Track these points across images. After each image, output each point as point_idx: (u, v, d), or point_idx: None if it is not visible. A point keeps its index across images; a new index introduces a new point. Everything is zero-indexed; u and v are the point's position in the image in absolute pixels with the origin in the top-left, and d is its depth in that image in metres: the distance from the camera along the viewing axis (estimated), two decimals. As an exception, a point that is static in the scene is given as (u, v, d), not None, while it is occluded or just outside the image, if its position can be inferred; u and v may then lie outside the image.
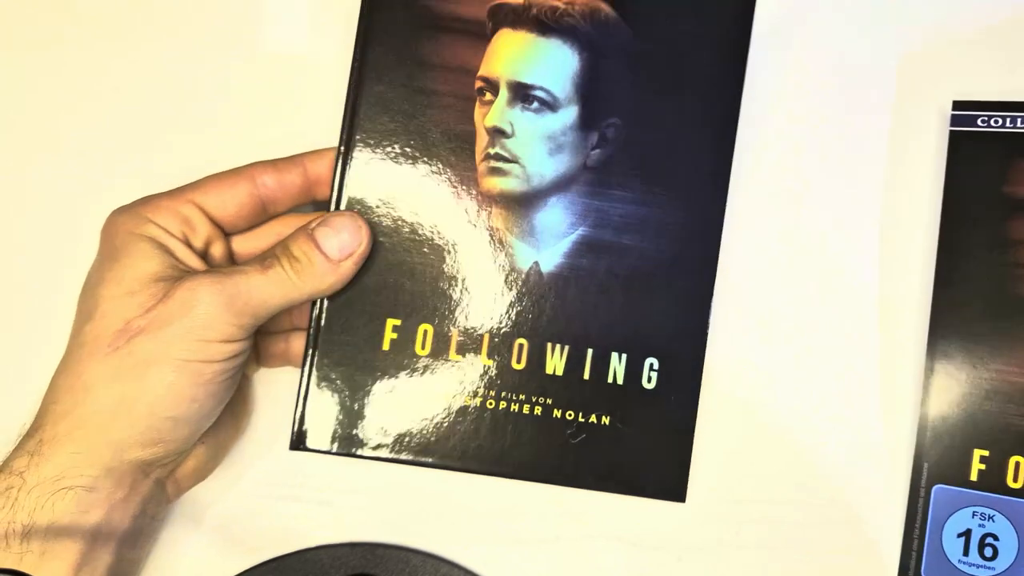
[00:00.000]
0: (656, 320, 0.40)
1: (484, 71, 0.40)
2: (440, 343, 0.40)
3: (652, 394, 0.40)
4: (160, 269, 0.36)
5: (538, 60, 0.40)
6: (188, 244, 0.38)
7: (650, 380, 0.40)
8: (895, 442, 0.42)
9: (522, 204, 0.40)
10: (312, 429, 0.39)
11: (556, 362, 0.40)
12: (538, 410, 0.40)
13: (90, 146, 0.44)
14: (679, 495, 0.40)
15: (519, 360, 0.40)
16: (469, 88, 0.40)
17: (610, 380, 0.40)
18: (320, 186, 0.40)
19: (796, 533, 0.42)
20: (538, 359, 0.40)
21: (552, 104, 0.40)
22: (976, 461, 0.41)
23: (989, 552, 0.41)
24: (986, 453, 0.41)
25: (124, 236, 0.37)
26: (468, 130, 0.40)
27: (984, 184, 0.42)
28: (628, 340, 0.40)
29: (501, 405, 0.40)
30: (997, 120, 0.43)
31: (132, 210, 0.38)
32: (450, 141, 0.40)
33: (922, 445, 0.42)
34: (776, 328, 0.43)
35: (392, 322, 0.39)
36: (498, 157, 0.40)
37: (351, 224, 0.38)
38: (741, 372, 0.43)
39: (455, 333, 0.40)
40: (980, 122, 0.43)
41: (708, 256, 0.41)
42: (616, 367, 0.40)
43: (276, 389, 0.42)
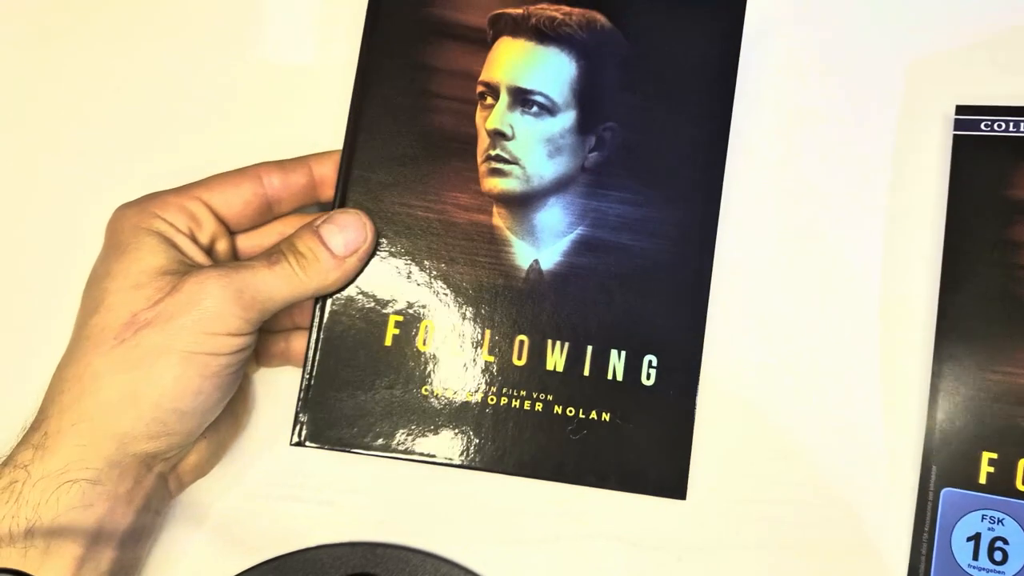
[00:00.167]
0: (653, 318, 0.41)
1: (485, 76, 0.41)
2: (442, 339, 0.40)
3: (651, 391, 0.40)
4: (166, 263, 0.36)
5: (537, 67, 0.41)
6: (194, 239, 0.38)
7: (649, 377, 0.40)
8: (901, 444, 0.42)
9: (522, 204, 0.41)
10: (313, 425, 0.39)
11: (556, 358, 0.40)
12: (539, 406, 0.40)
13: (96, 148, 0.45)
14: (679, 492, 0.40)
15: (520, 356, 0.40)
16: (471, 92, 0.41)
17: (610, 377, 0.40)
18: (324, 187, 0.41)
19: (799, 535, 0.42)
20: (539, 355, 0.40)
21: (551, 108, 0.41)
22: (984, 464, 0.41)
23: (999, 556, 0.40)
24: (994, 456, 0.40)
25: (131, 230, 0.37)
26: (470, 132, 0.41)
27: (987, 187, 0.43)
28: (626, 337, 0.40)
29: (503, 401, 0.40)
30: (1000, 124, 0.43)
31: (139, 205, 0.38)
32: (452, 143, 0.41)
33: (930, 448, 0.41)
34: (779, 328, 0.43)
35: (395, 318, 0.40)
36: (499, 158, 0.41)
37: (356, 221, 0.38)
38: (743, 372, 0.43)
39: (457, 329, 0.40)
40: (983, 126, 0.43)
41: (703, 255, 0.41)
42: (615, 364, 0.40)
43: (276, 388, 0.43)
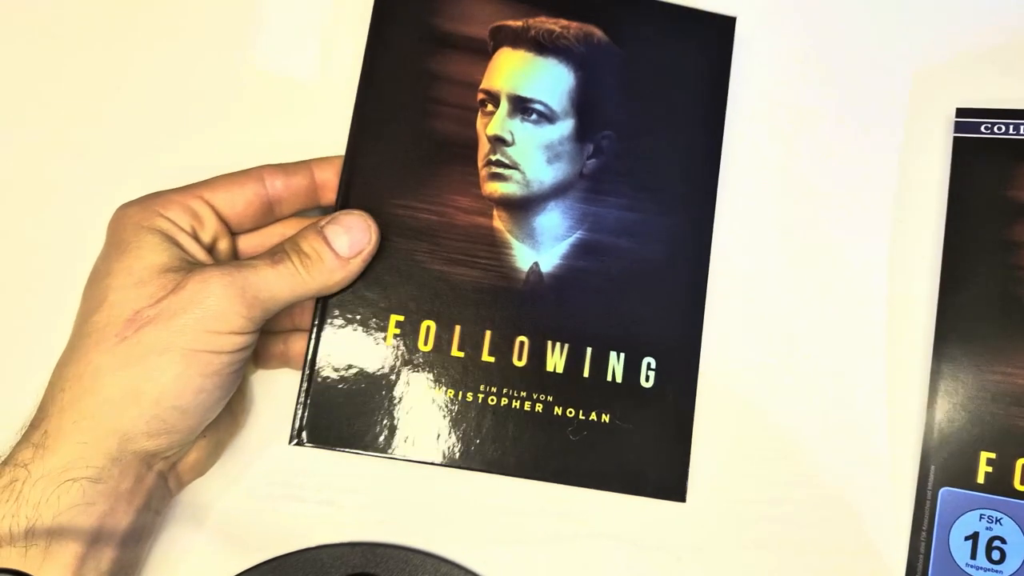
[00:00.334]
0: (651, 320, 0.41)
1: (486, 84, 0.42)
2: (442, 339, 0.40)
3: (650, 392, 0.41)
4: (169, 261, 0.36)
5: (536, 76, 0.42)
6: (196, 238, 0.38)
7: (648, 379, 0.41)
8: (900, 444, 0.42)
9: (522, 208, 0.42)
10: (313, 424, 0.39)
11: (556, 360, 0.41)
12: (539, 407, 0.40)
13: (97, 148, 0.45)
14: (679, 494, 0.40)
15: (520, 357, 0.40)
16: (472, 99, 0.42)
17: (609, 378, 0.41)
18: (326, 191, 0.41)
19: (798, 535, 0.42)
20: (539, 357, 0.40)
21: (550, 116, 0.42)
22: (983, 463, 0.41)
23: (997, 555, 0.40)
24: (993, 455, 0.41)
25: (133, 228, 0.37)
26: (471, 138, 0.42)
27: (987, 189, 0.43)
28: (625, 339, 0.41)
29: (503, 402, 0.40)
30: (1000, 127, 0.44)
31: (142, 203, 0.38)
32: (453, 147, 0.41)
33: (928, 447, 0.41)
34: (779, 329, 0.44)
35: (395, 318, 0.40)
36: (499, 163, 0.42)
37: (361, 223, 0.39)
38: (743, 372, 0.43)
39: (457, 330, 0.40)
40: (983, 129, 0.44)
41: (699, 258, 0.42)
42: (615, 365, 0.41)
43: (276, 387, 0.43)
